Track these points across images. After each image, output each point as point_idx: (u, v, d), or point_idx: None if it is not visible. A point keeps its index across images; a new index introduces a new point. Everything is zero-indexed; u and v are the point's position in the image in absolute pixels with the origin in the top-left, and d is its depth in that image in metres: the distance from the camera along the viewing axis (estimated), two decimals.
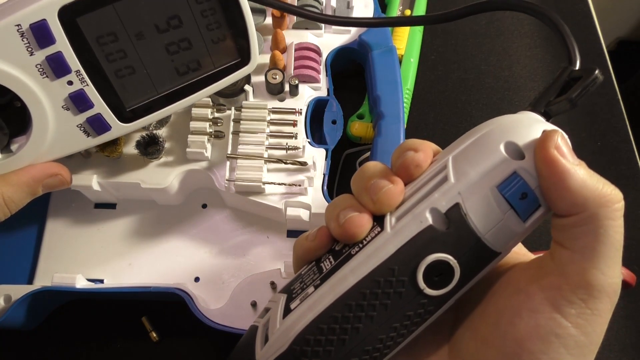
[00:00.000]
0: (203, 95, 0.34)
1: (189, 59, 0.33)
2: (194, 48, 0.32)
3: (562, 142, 0.21)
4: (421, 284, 0.22)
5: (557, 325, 0.21)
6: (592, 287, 0.21)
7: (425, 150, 0.24)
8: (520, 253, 0.27)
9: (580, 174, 0.21)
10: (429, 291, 0.22)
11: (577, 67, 0.24)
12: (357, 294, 0.22)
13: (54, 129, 0.31)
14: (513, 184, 0.21)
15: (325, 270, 0.24)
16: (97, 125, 0.32)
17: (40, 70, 0.29)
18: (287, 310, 0.23)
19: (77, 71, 0.29)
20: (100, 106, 0.31)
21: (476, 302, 0.25)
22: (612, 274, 0.21)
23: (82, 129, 0.32)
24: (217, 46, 0.33)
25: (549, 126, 0.22)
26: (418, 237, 0.22)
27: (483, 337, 0.23)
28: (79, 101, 0.30)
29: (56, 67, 0.29)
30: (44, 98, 0.29)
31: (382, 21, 0.40)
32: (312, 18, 0.40)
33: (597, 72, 0.23)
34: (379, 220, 0.23)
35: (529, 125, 0.22)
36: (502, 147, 0.22)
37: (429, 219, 0.22)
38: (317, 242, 0.25)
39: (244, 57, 0.34)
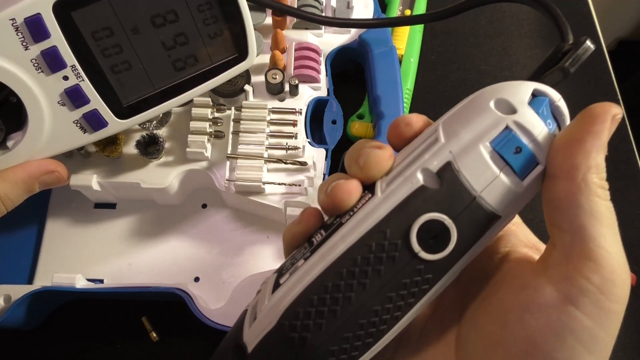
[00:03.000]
0: (201, 91, 0.34)
1: (186, 54, 0.32)
2: (191, 43, 0.32)
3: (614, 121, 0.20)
4: (415, 246, 0.20)
5: (570, 319, 0.20)
6: (602, 267, 0.19)
7: (417, 114, 0.24)
8: (526, 243, 0.25)
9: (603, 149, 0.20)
10: (425, 255, 0.21)
11: (569, 42, 0.24)
12: (348, 260, 0.21)
13: (50, 125, 0.30)
14: (506, 138, 0.21)
15: (315, 243, 0.23)
16: (93, 121, 0.32)
17: (36, 65, 0.28)
18: (276, 286, 0.22)
19: (73, 66, 0.29)
20: (96, 102, 0.31)
21: (481, 300, 0.24)
22: (617, 250, 0.20)
23: (78, 125, 0.31)
24: (214, 41, 0.33)
25: (541, 86, 0.22)
26: (410, 198, 0.21)
27: (490, 338, 0.22)
28: (74, 96, 0.30)
29: (51, 61, 0.29)
30: (39, 93, 0.29)
31: (381, 22, 0.40)
32: (312, 20, 0.40)
33: (587, 41, 0.22)
34: (369, 188, 0.23)
35: (520, 84, 0.22)
36: (492, 104, 0.21)
37: (420, 179, 0.21)
38: (304, 223, 0.24)
39: (242, 52, 0.34)
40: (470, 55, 0.52)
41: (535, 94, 0.22)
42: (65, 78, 0.29)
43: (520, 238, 0.25)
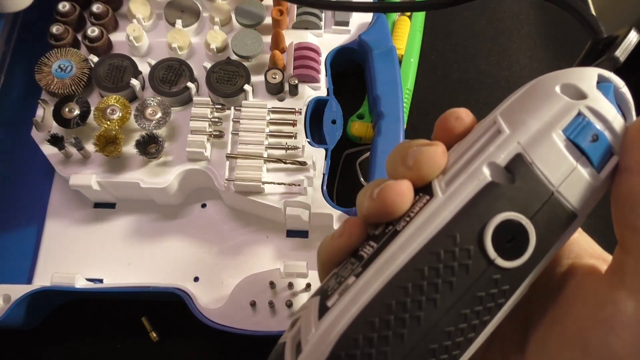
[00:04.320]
0: None
1: None
2: None
3: None
4: (491, 252, 0.17)
5: None
6: None
7: (466, 110, 0.21)
8: (592, 253, 0.22)
9: None
10: (502, 262, 0.18)
11: (604, 35, 0.22)
12: (413, 273, 0.17)
13: None
14: (580, 125, 0.18)
15: (366, 256, 0.19)
16: None
17: None
18: (323, 310, 0.19)
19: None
20: None
21: (549, 323, 0.20)
22: None
23: None
24: None
25: (605, 72, 0.20)
26: (478, 196, 0.18)
27: None
28: None
29: None
30: None
31: (383, 6, 0.40)
32: (314, 5, 0.39)
33: (633, 30, 0.20)
34: (424, 190, 0.19)
35: (584, 69, 0.20)
36: (558, 90, 0.19)
37: (488, 175, 0.18)
38: (346, 236, 0.21)
39: None
40: (470, 55, 0.52)
41: (600, 80, 0.19)
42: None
43: (585, 247, 0.22)
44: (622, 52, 0.20)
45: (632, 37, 0.20)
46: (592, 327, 0.18)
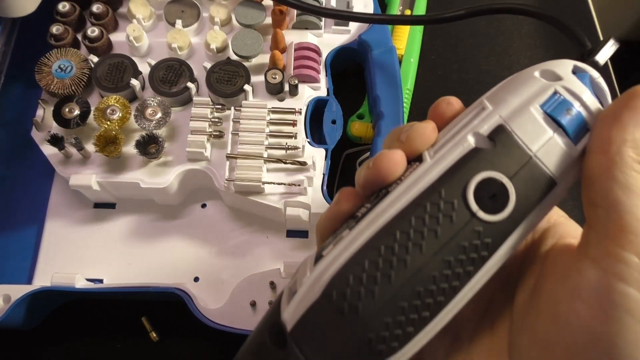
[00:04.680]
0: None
1: None
2: None
3: None
4: (473, 205, 0.20)
5: (623, 297, 0.18)
6: None
7: (456, 98, 0.24)
8: (574, 235, 0.24)
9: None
10: (484, 215, 0.20)
11: (590, 46, 0.24)
12: (401, 222, 0.20)
13: None
14: (556, 101, 0.21)
15: (360, 215, 0.21)
16: None
17: None
18: (318, 258, 0.21)
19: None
20: None
21: (527, 298, 0.22)
22: None
23: None
24: None
25: (580, 63, 0.22)
26: (463, 159, 0.20)
27: (545, 337, 0.20)
28: None
29: None
30: None
31: (383, 18, 0.40)
32: (312, 11, 0.39)
33: (612, 39, 0.23)
34: (415, 159, 0.22)
35: (561, 61, 0.22)
36: (537, 74, 0.22)
37: (472, 142, 0.21)
38: (343, 202, 0.23)
39: None
40: (470, 55, 0.52)
41: (575, 71, 0.22)
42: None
43: (569, 230, 0.24)
44: (601, 57, 0.23)
45: (610, 45, 0.23)
46: (561, 297, 0.20)
